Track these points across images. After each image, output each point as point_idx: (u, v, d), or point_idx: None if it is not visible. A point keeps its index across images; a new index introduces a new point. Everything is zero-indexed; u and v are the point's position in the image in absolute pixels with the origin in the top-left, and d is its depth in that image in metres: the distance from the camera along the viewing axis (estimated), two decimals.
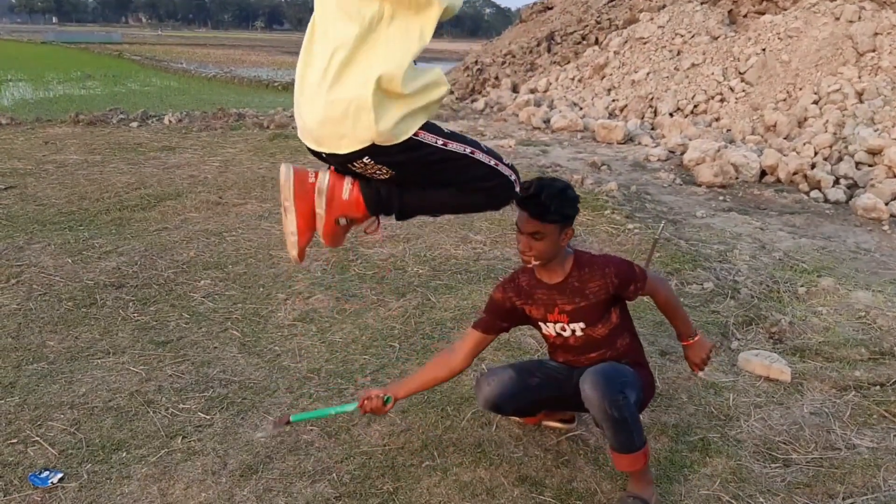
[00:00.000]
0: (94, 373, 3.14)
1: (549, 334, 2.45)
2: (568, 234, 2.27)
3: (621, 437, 2.20)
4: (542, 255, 2.26)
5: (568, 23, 17.85)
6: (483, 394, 2.51)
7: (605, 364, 2.31)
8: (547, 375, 2.50)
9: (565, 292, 2.34)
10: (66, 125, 10.46)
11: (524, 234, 2.24)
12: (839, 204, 6.89)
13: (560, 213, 2.19)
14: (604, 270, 2.32)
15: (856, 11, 11.43)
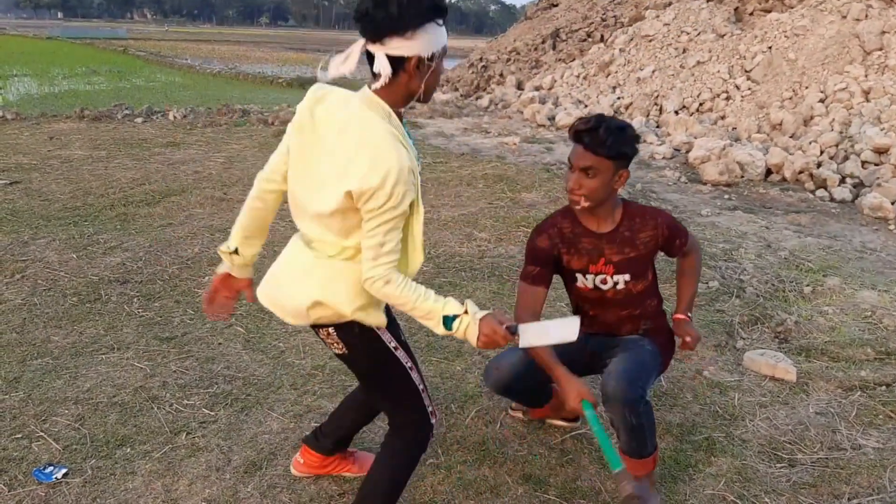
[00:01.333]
0: (98, 368, 3.14)
1: (584, 287, 2.29)
2: (622, 176, 2.11)
3: (634, 443, 2.19)
4: (592, 195, 2.09)
5: (573, 20, 17.80)
6: (492, 378, 2.43)
7: (629, 358, 2.19)
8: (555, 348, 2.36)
9: (615, 242, 2.20)
10: (71, 120, 10.47)
11: (575, 171, 2.09)
12: (845, 203, 6.86)
13: (617, 148, 2.03)
14: (655, 220, 2.23)
15: (863, 10, 11.37)
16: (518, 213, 5.86)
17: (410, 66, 1.62)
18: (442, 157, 8.44)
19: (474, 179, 7.14)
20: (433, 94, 1.76)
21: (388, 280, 1.68)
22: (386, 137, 1.62)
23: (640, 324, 2.36)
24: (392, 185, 1.58)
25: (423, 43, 1.60)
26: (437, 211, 5.92)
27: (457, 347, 3.47)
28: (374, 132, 1.63)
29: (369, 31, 1.60)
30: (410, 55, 1.61)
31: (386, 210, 1.61)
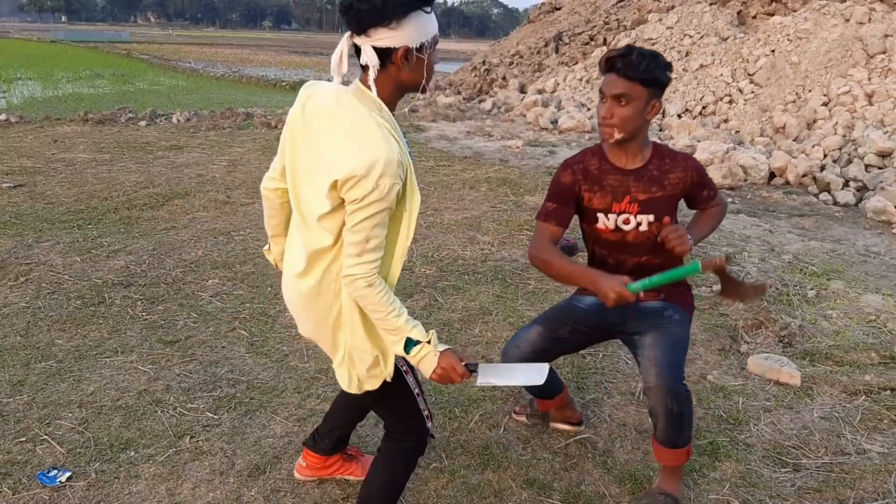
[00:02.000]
0: (102, 371, 3.15)
1: (605, 228, 2.20)
2: (654, 107, 2.06)
3: (671, 431, 2.14)
4: (625, 124, 2.04)
5: (576, 23, 17.81)
6: (513, 357, 2.40)
7: (663, 341, 2.15)
8: (576, 322, 2.36)
9: (642, 179, 2.14)
10: (75, 124, 10.51)
11: (607, 99, 2.04)
12: (849, 206, 6.85)
13: (650, 72, 1.98)
14: (686, 163, 2.17)
15: (866, 13, 11.37)
16: (521, 217, 5.86)
17: (398, 57, 1.60)
18: (445, 160, 8.45)
19: (477, 183, 7.15)
20: (430, 86, 1.76)
21: (371, 283, 1.65)
22: (374, 128, 1.59)
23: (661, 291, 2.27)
24: (378, 175, 1.54)
25: (409, 33, 1.58)
26: (440, 214, 5.93)
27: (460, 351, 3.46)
28: (362, 123, 1.60)
29: (354, 23, 1.58)
30: (397, 46, 1.58)
31: (371, 202, 1.57)
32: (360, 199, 1.57)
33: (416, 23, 1.58)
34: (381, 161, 1.54)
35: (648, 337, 2.19)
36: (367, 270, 1.63)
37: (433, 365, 1.74)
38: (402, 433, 1.97)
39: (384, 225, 1.63)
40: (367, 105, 1.64)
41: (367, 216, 1.59)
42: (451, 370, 1.74)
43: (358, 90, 1.66)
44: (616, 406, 3.01)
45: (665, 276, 2.00)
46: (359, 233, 1.60)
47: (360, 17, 1.56)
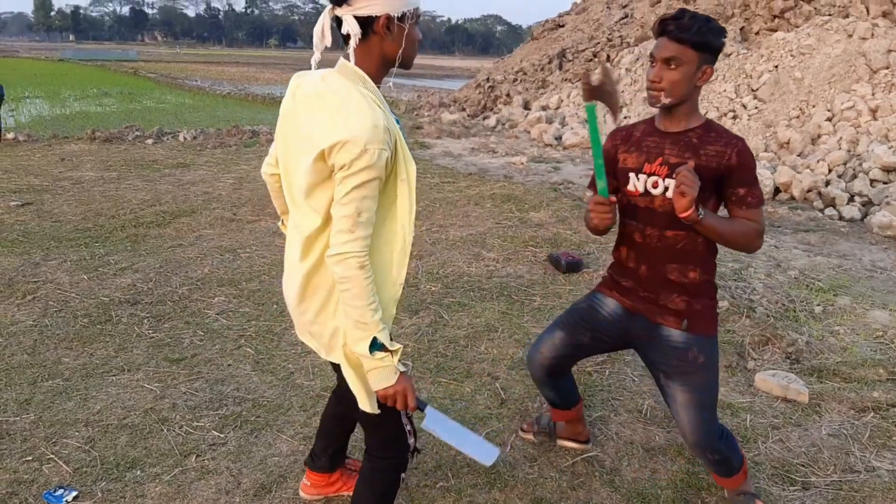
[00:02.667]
0: (108, 390, 3.15)
1: (634, 191, 2.12)
2: (706, 73, 1.98)
3: (720, 469, 2.29)
4: (674, 89, 1.97)
5: (579, 40, 17.92)
6: (536, 362, 2.41)
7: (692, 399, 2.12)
8: (598, 330, 2.31)
9: (678, 143, 2.05)
10: (82, 142, 10.60)
11: (657, 62, 1.98)
12: (854, 221, 6.84)
13: (702, 35, 1.92)
14: (732, 141, 2.00)
15: (868, 28, 11.41)
16: (526, 233, 5.87)
17: (380, 26, 1.59)
18: (450, 176, 8.48)
19: (482, 199, 7.16)
20: (412, 61, 1.71)
21: (363, 264, 1.57)
22: (358, 98, 1.57)
23: (683, 296, 2.12)
24: (365, 140, 1.50)
25: (390, 1, 1.57)
26: (445, 230, 5.94)
27: (465, 368, 3.46)
28: (345, 95, 1.58)
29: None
30: (379, 14, 1.57)
31: (360, 169, 1.52)
32: (347, 164, 1.52)
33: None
34: (366, 126, 1.52)
35: (678, 391, 2.15)
36: (359, 248, 1.57)
37: (389, 380, 1.66)
38: (381, 450, 1.92)
39: (374, 198, 1.58)
40: (352, 79, 1.63)
41: (356, 184, 1.53)
42: (403, 395, 1.68)
43: (342, 66, 1.65)
44: (623, 424, 3.00)
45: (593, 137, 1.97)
46: (348, 204, 1.55)
47: None
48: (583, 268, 4.99)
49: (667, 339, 2.16)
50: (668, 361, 2.16)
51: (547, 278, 4.82)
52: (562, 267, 4.95)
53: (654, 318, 2.18)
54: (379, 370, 1.65)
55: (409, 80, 39.47)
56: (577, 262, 4.98)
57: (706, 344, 2.14)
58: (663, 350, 2.17)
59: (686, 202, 1.88)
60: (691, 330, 2.12)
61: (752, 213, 2.00)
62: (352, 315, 1.61)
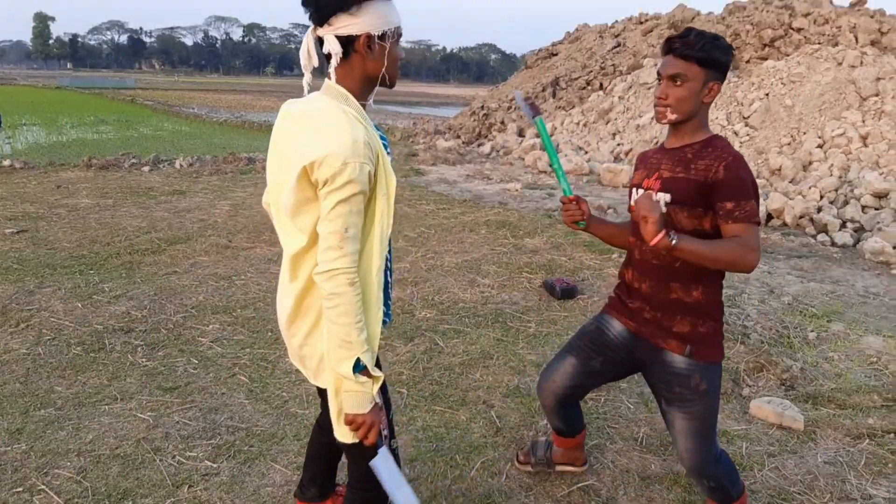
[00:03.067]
0: (101, 419, 3.13)
1: (633, 206, 2.09)
2: (712, 89, 1.98)
3: (719, 496, 2.28)
4: (679, 105, 1.98)
5: (572, 69, 18.14)
6: (548, 391, 2.38)
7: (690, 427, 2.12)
8: (607, 353, 2.29)
9: (674, 158, 2.06)
10: (78, 169, 10.63)
11: (664, 79, 2.00)
12: (847, 247, 6.88)
13: (707, 51, 1.93)
14: (722, 155, 1.95)
15: (857, 56, 11.60)
16: (521, 259, 5.89)
17: (361, 45, 1.61)
18: (445, 203, 8.52)
19: (477, 225, 7.20)
20: (395, 80, 1.73)
21: (353, 281, 1.57)
22: (338, 115, 1.58)
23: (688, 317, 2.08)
24: (345, 155, 1.51)
25: (371, 19, 1.59)
26: (440, 257, 5.96)
27: (461, 396, 3.45)
28: (326, 113, 1.60)
29: (315, 13, 1.60)
30: (359, 33, 1.59)
31: (343, 183, 1.52)
32: (330, 179, 1.52)
33: (377, 10, 1.61)
34: (346, 141, 1.53)
35: (677, 418, 2.15)
36: (348, 263, 1.56)
37: (363, 407, 1.63)
38: (363, 481, 1.86)
39: (360, 213, 1.58)
40: (335, 97, 1.65)
41: (341, 199, 1.54)
42: (370, 426, 1.65)
43: (326, 86, 1.68)
44: (619, 452, 2.99)
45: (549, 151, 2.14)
46: (335, 220, 1.55)
47: (319, 4, 1.58)
48: (577, 294, 5.00)
49: (670, 365, 2.12)
50: (670, 388, 2.14)
51: (542, 305, 4.83)
52: (556, 293, 4.96)
53: (658, 342, 2.14)
54: (355, 394, 1.63)
55: (404, 108, 39.82)
56: (572, 288, 4.99)
57: (709, 371, 2.11)
58: (666, 376, 2.15)
59: (650, 228, 1.81)
60: (695, 356, 2.08)
61: (740, 228, 1.89)
62: (337, 333, 1.59)
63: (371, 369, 1.63)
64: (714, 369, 2.12)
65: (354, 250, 1.58)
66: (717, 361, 2.12)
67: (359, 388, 1.62)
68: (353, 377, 1.60)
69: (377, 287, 1.69)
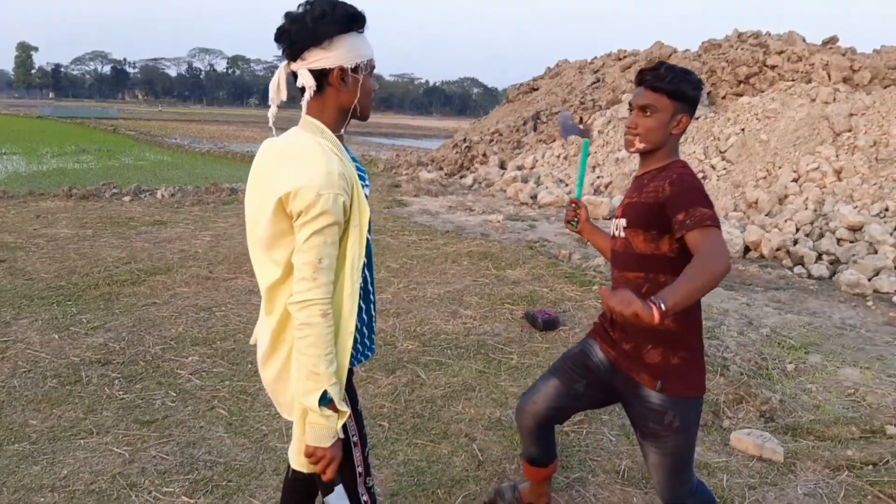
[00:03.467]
0: (76, 454, 3.07)
1: (610, 235, 2.25)
2: (681, 122, 2.04)
3: None
4: (648, 135, 2.04)
5: (553, 103, 18.43)
6: (529, 411, 2.33)
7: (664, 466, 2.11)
8: (590, 377, 2.28)
9: (635, 184, 2.13)
10: (58, 199, 10.55)
11: (635, 109, 2.06)
12: (823, 279, 6.99)
13: (676, 85, 1.99)
14: (669, 174, 2.00)
15: (830, 93, 11.92)
16: (503, 290, 5.91)
17: (335, 78, 1.63)
18: (427, 234, 8.55)
19: (459, 256, 7.22)
20: (369, 112, 1.75)
21: (325, 312, 1.57)
22: (313, 147, 1.61)
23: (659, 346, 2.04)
24: (318, 186, 1.53)
25: (343, 52, 1.61)
26: (422, 288, 5.96)
27: (442, 429, 3.43)
28: (301, 146, 1.62)
29: (288, 48, 1.62)
30: (332, 66, 1.61)
31: (317, 214, 1.53)
32: (304, 210, 1.54)
33: (350, 44, 1.63)
34: (320, 172, 1.54)
35: (651, 452, 2.14)
36: (322, 294, 1.57)
37: (325, 441, 1.61)
38: None
39: (335, 244, 1.59)
40: (310, 130, 1.67)
41: (315, 230, 1.55)
42: (330, 461, 1.64)
43: (303, 121, 1.70)
44: (601, 485, 2.98)
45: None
46: (309, 251, 1.55)
47: (292, 39, 1.60)
48: (559, 325, 5.03)
49: (645, 400, 2.10)
50: (644, 423, 2.13)
51: (524, 336, 4.84)
52: (538, 324, 4.97)
53: (633, 375, 2.13)
54: (318, 427, 1.61)
55: (387, 140, 40.07)
56: (554, 319, 5.01)
57: (683, 407, 2.06)
58: (642, 411, 2.13)
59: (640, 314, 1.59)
60: (666, 391, 2.04)
61: (696, 236, 1.81)
62: (306, 364, 1.58)
63: (338, 403, 1.62)
64: (689, 405, 2.07)
65: (328, 281, 1.58)
66: (692, 396, 2.07)
67: (323, 421, 1.61)
68: (317, 410, 1.59)
69: (348, 318, 1.68)
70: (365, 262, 1.73)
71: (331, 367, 1.59)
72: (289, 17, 1.61)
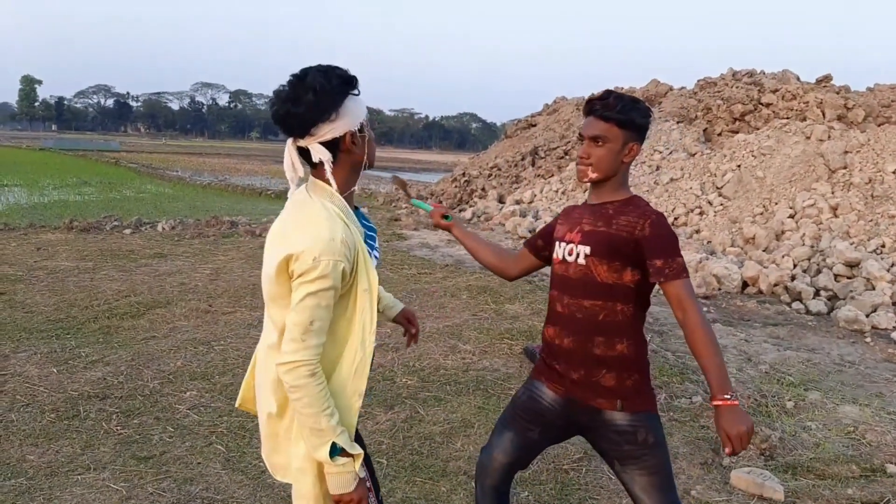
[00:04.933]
0: (73, 490, 3.05)
1: (556, 258, 2.18)
2: (632, 150, 2.05)
3: None
4: (600, 164, 2.05)
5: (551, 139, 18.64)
6: (490, 469, 2.25)
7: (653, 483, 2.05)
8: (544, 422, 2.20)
9: (595, 213, 2.11)
10: (59, 231, 10.59)
11: (585, 140, 2.06)
12: (821, 315, 7.01)
13: (626, 113, 2.00)
14: (646, 213, 2.02)
15: (825, 131, 12.08)
16: (502, 325, 5.92)
17: (346, 144, 1.67)
18: (427, 267, 8.58)
19: (458, 290, 7.24)
20: (374, 159, 1.79)
21: (313, 372, 1.59)
22: (319, 211, 1.64)
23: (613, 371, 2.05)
24: (319, 250, 1.56)
25: (349, 118, 1.65)
26: (421, 322, 5.96)
27: (441, 467, 3.42)
28: (307, 211, 1.66)
29: (296, 129, 1.65)
30: (343, 133, 1.66)
31: (314, 278, 1.56)
32: (304, 272, 1.57)
33: (352, 107, 1.67)
34: (322, 237, 1.58)
35: (636, 476, 2.07)
36: (309, 356, 1.58)
37: (348, 487, 1.65)
38: None
39: (328, 307, 1.61)
40: (320, 195, 1.70)
41: (310, 292, 1.57)
42: (360, 502, 1.66)
43: (312, 184, 1.73)
44: None
45: None
46: (301, 312, 1.58)
47: (301, 120, 1.63)
48: None
49: (611, 423, 2.06)
50: (619, 448, 2.07)
51: (523, 372, 4.84)
52: (537, 360, 4.96)
53: (588, 400, 2.07)
54: (338, 475, 1.64)
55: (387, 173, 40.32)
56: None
57: (651, 422, 2.06)
58: (612, 436, 2.08)
59: (746, 437, 1.81)
60: (627, 409, 2.04)
61: (678, 287, 1.93)
62: (307, 423, 1.61)
63: (349, 448, 1.64)
64: (654, 419, 2.08)
65: (318, 343, 1.60)
66: (653, 412, 2.09)
67: (340, 469, 1.63)
68: (331, 462, 1.62)
69: (356, 378, 1.70)
70: None
71: (332, 419, 1.61)
72: (284, 98, 1.61)
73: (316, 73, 1.62)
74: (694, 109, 15.86)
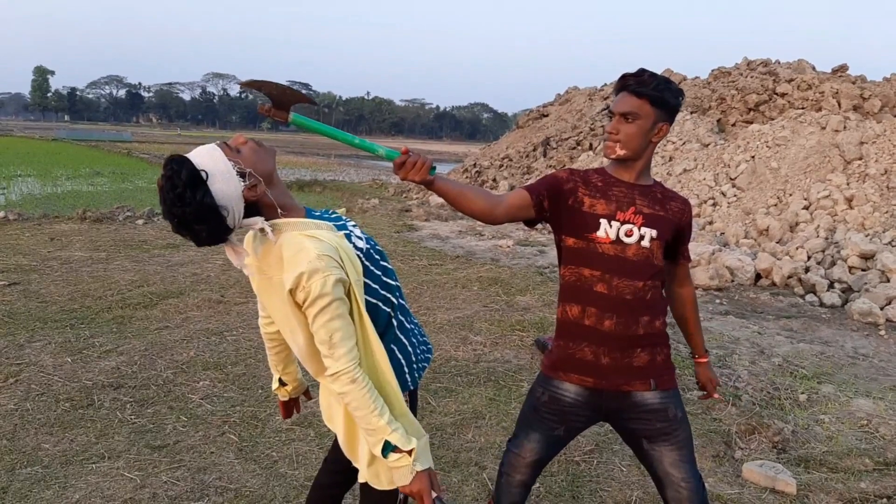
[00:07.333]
0: (88, 478, 3.08)
1: (605, 238, 2.05)
2: (661, 130, 2.05)
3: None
4: (629, 142, 2.03)
5: (563, 129, 18.54)
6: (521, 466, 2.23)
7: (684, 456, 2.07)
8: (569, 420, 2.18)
9: (647, 195, 2.09)
10: (72, 221, 10.67)
11: (616, 116, 2.04)
12: (835, 308, 6.95)
13: (659, 92, 1.99)
14: (685, 201, 2.18)
15: (841, 121, 11.94)
16: (513, 317, 5.91)
17: (251, 198, 1.71)
18: (437, 259, 8.58)
19: (469, 282, 7.24)
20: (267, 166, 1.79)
21: (354, 378, 1.67)
22: (298, 240, 1.69)
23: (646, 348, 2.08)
24: (307, 273, 1.63)
25: (231, 194, 1.67)
26: (432, 313, 5.97)
27: (452, 458, 3.42)
28: (287, 245, 1.70)
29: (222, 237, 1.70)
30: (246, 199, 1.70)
31: (315, 298, 1.64)
32: (304, 301, 1.66)
33: (222, 188, 1.66)
34: (310, 259, 1.64)
35: (666, 452, 2.08)
36: (344, 364, 1.67)
37: (405, 480, 1.73)
38: None
39: (340, 316, 1.68)
40: (284, 230, 1.74)
41: (316, 312, 1.65)
42: (419, 495, 1.72)
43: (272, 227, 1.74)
44: None
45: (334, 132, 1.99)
46: (319, 332, 1.67)
47: (214, 238, 1.68)
48: None
49: (642, 405, 2.07)
50: (651, 426, 2.07)
51: (534, 363, 4.84)
52: (548, 353, 4.96)
53: (620, 386, 2.07)
54: (395, 470, 1.74)
55: None
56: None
57: (677, 398, 2.12)
58: (643, 415, 2.08)
59: None
60: (661, 387, 2.08)
61: (686, 268, 2.28)
62: (360, 423, 1.71)
63: (401, 445, 1.70)
64: (678, 394, 2.15)
65: (347, 349, 1.68)
66: (677, 387, 2.16)
67: (395, 465, 1.72)
68: (384, 458, 1.71)
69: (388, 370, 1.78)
70: (398, 286, 1.91)
71: (382, 418, 1.69)
72: (180, 217, 1.62)
73: (185, 174, 1.62)
74: (708, 99, 15.72)
